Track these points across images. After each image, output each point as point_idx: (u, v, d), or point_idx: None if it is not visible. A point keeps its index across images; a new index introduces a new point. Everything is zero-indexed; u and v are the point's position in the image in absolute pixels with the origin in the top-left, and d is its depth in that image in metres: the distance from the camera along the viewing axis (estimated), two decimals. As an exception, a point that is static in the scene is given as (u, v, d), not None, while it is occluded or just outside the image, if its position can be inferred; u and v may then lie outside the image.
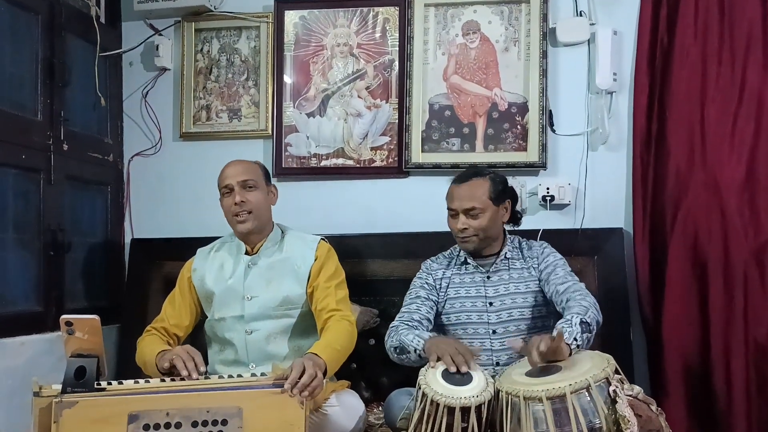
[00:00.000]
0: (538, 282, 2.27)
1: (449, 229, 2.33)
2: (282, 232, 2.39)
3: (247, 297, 2.27)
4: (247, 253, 2.34)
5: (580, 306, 2.02)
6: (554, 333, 1.92)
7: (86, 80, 2.93)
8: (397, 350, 2.18)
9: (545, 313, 2.27)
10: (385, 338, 2.25)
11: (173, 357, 1.96)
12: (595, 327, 1.99)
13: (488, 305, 2.28)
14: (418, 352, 2.09)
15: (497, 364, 2.24)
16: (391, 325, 2.27)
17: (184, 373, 1.91)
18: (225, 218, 2.35)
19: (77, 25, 2.87)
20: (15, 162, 2.52)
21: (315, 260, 2.30)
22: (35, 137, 2.62)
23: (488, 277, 2.31)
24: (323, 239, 2.38)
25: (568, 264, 2.32)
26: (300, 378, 1.83)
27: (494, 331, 2.26)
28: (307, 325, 2.29)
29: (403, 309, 2.31)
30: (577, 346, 1.90)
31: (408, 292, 2.37)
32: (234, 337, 2.27)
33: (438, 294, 2.35)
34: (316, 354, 1.99)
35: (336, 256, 2.37)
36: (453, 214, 2.28)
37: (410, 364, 2.16)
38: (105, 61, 3.05)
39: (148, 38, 3.16)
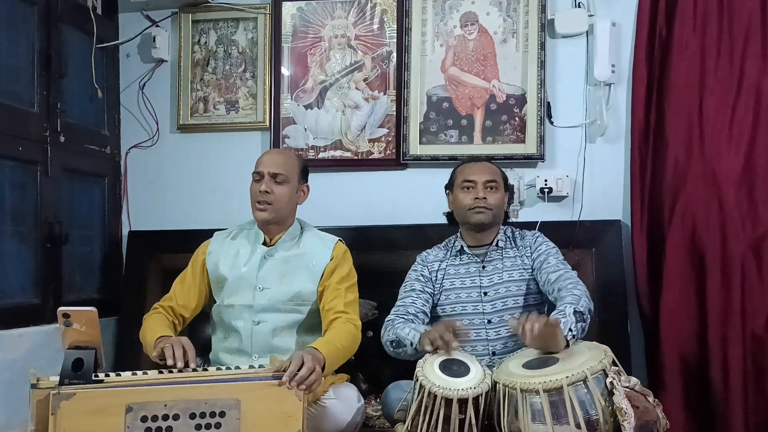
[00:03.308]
0: (531, 270, 2.28)
1: (456, 209, 2.34)
2: (302, 228, 2.39)
3: (259, 287, 2.27)
4: (264, 243, 2.34)
5: (572, 296, 2.02)
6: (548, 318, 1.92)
7: (83, 72, 2.92)
8: (394, 344, 2.18)
9: (540, 301, 2.28)
10: (382, 332, 2.26)
11: (164, 347, 1.96)
12: (588, 315, 2.00)
13: (483, 295, 2.28)
14: (414, 345, 2.09)
15: (493, 353, 2.24)
16: (387, 319, 2.27)
17: (170, 362, 1.90)
18: (249, 204, 2.34)
19: (74, 17, 2.86)
20: (11, 154, 2.52)
21: (330, 260, 2.30)
22: (32, 129, 2.61)
23: (483, 267, 2.31)
24: (341, 240, 2.38)
25: (566, 256, 2.33)
26: (299, 371, 1.83)
27: (489, 321, 2.27)
28: (314, 323, 2.29)
29: (398, 302, 2.32)
30: (573, 336, 1.91)
31: (403, 284, 2.38)
32: (240, 326, 2.26)
33: (433, 286, 2.35)
34: (316, 348, 1.99)
35: (351, 259, 2.37)
36: (470, 186, 2.30)
37: (406, 357, 2.17)
38: (102, 53, 3.03)
39: (145, 30, 3.15)
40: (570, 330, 1.90)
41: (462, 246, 2.36)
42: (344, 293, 2.25)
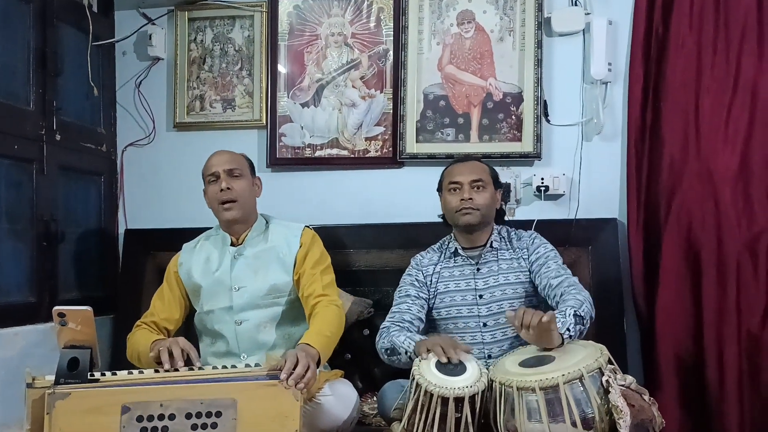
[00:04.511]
0: (528, 273, 2.27)
1: (445, 211, 2.34)
2: (266, 222, 2.40)
3: (235, 288, 2.28)
4: (232, 244, 2.34)
5: (575, 299, 2.02)
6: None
7: (79, 70, 2.91)
8: (388, 351, 2.17)
9: (536, 303, 2.26)
10: (377, 338, 2.24)
11: (160, 349, 1.95)
12: (588, 321, 2.00)
13: (478, 298, 2.27)
14: (408, 354, 2.08)
15: (489, 356, 2.23)
16: (381, 326, 2.26)
17: (167, 366, 1.90)
18: (210, 208, 2.36)
19: (69, 15, 2.85)
20: (7, 152, 2.51)
21: (300, 247, 2.31)
22: (28, 127, 2.61)
23: (478, 270, 2.30)
24: (307, 226, 2.39)
25: (563, 255, 2.32)
26: (294, 368, 1.83)
27: (485, 324, 2.25)
28: (296, 313, 2.30)
29: (393, 309, 2.31)
30: (569, 337, 1.91)
31: (397, 289, 2.36)
32: (224, 329, 2.27)
33: (428, 290, 2.33)
34: (308, 344, 1.99)
35: (321, 242, 2.38)
36: (456, 187, 2.28)
37: (400, 365, 2.16)
38: (98, 51, 3.02)
39: (141, 27, 3.14)
40: (567, 330, 1.90)
41: (456, 248, 2.34)
42: (320, 276, 2.26)
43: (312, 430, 2.06)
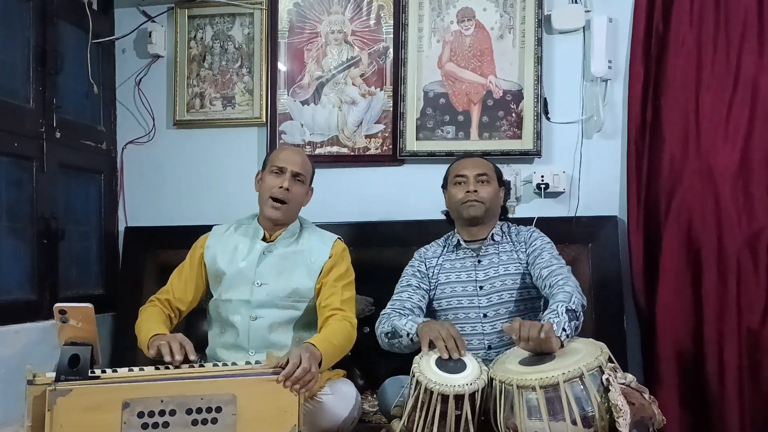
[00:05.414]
0: (526, 265, 2.28)
1: (450, 204, 2.36)
2: (301, 225, 2.39)
3: (257, 283, 2.27)
4: (264, 239, 2.34)
5: (563, 293, 2.02)
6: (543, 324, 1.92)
7: (79, 67, 2.91)
8: (389, 335, 2.18)
9: (535, 295, 2.28)
10: (376, 325, 2.26)
11: (160, 344, 1.96)
12: (580, 312, 1.99)
13: (478, 289, 2.29)
14: (410, 336, 2.10)
15: (489, 347, 2.25)
16: (382, 312, 2.27)
17: (168, 358, 1.90)
18: (258, 192, 2.35)
19: (69, 12, 2.85)
20: (7, 150, 2.51)
21: (329, 257, 2.31)
22: (28, 125, 2.61)
23: (479, 261, 2.31)
24: (339, 238, 2.39)
25: (563, 252, 2.33)
26: (296, 369, 1.83)
27: (485, 315, 2.27)
28: (311, 319, 2.29)
29: (394, 297, 2.32)
30: (567, 336, 1.91)
31: (400, 279, 2.38)
32: (237, 321, 2.26)
33: (429, 281, 2.35)
34: (313, 345, 1.99)
35: (349, 257, 2.37)
36: (461, 180, 2.33)
37: (400, 349, 2.17)
38: (97, 48, 3.02)
39: (141, 25, 3.14)
40: (564, 330, 1.90)
41: (459, 240, 2.36)
42: (341, 291, 2.25)
43: (313, 429, 2.06)
